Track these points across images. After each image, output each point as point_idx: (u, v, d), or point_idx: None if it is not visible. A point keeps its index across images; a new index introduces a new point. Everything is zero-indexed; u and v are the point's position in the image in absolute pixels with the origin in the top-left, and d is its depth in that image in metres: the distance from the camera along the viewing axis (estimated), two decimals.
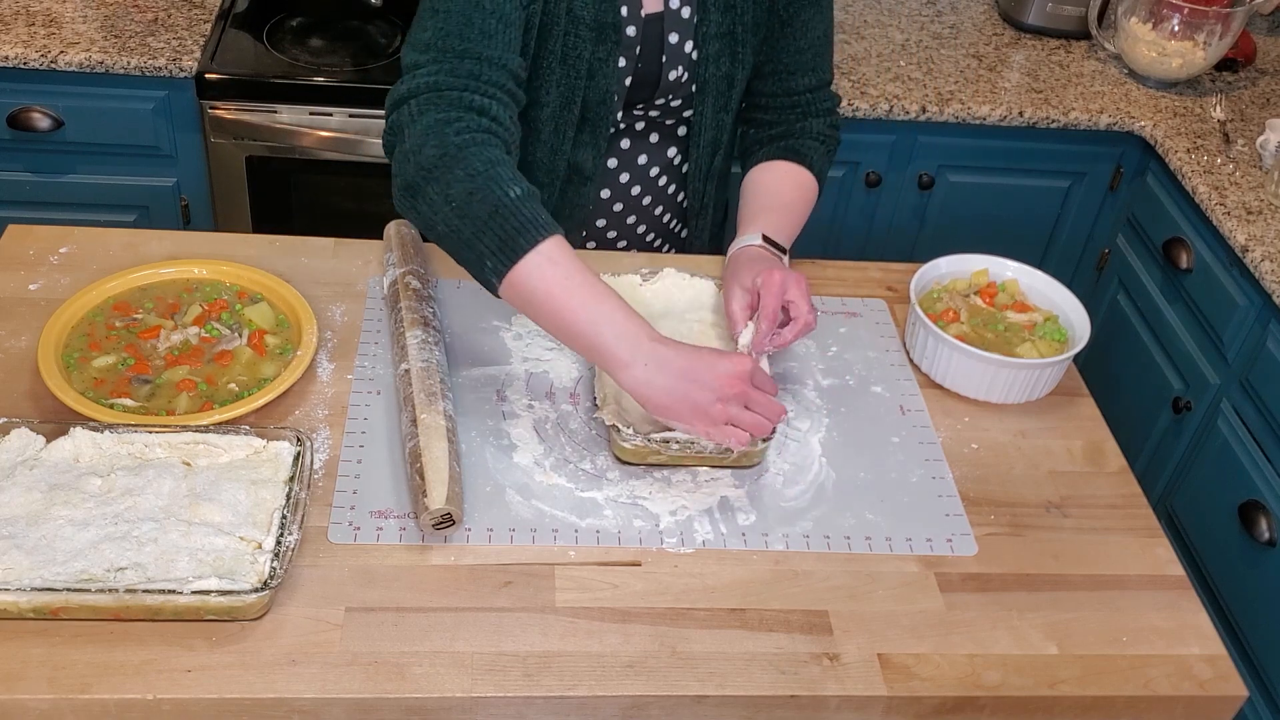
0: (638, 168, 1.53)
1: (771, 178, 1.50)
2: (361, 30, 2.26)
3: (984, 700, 1.08)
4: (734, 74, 1.47)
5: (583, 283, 1.13)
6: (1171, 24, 2.26)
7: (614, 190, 1.55)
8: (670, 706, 1.05)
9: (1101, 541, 1.23)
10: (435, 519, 1.11)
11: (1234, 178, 2.05)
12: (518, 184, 1.15)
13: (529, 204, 1.14)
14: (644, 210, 1.58)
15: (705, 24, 1.42)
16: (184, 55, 2.04)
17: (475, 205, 1.13)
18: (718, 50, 1.44)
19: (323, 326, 1.37)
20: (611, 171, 1.53)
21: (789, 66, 1.50)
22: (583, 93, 1.41)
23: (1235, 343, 1.95)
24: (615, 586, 1.12)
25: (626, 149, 1.52)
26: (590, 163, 1.48)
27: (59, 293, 1.37)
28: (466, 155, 1.15)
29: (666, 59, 1.43)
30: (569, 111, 1.42)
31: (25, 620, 1.02)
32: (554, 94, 1.40)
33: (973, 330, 1.42)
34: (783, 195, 1.48)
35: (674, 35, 1.42)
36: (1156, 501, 2.14)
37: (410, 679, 1.02)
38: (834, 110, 1.55)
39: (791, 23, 1.47)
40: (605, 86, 1.41)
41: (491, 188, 1.13)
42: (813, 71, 1.51)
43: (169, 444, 1.16)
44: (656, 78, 1.44)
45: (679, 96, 1.47)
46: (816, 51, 1.50)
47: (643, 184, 1.55)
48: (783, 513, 1.21)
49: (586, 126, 1.45)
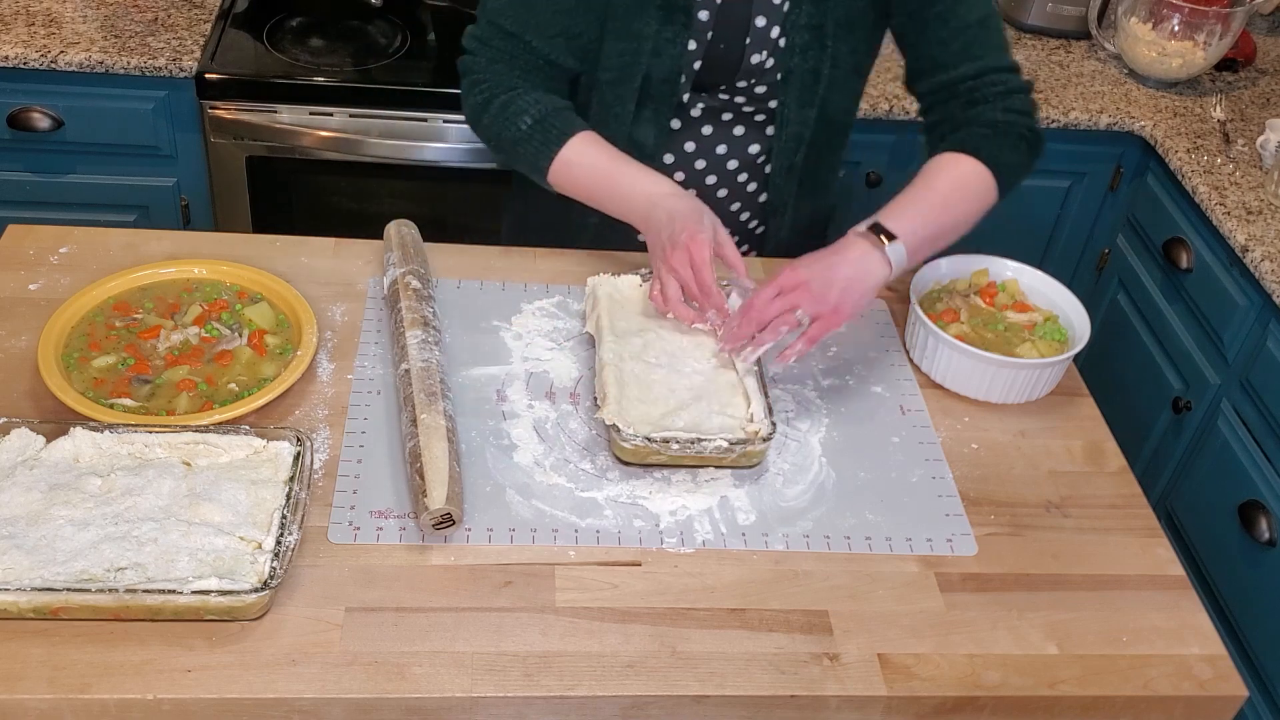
0: (715, 157, 1.52)
1: (926, 168, 1.40)
2: (361, 30, 2.26)
3: (984, 700, 1.08)
4: (820, 68, 1.44)
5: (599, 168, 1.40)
6: (1171, 24, 2.26)
7: (688, 176, 1.54)
8: (670, 706, 1.05)
9: (1101, 541, 1.23)
10: (435, 519, 1.11)
11: (1234, 178, 2.05)
12: (526, 113, 1.40)
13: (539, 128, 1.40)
14: (718, 204, 1.57)
15: (796, 13, 1.41)
16: (184, 55, 2.04)
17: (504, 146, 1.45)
18: (805, 41, 1.42)
19: (323, 326, 1.37)
20: (689, 155, 1.53)
21: (938, 60, 1.43)
22: (645, 69, 1.42)
23: (1235, 343, 1.95)
24: (615, 586, 1.12)
25: (708, 135, 1.51)
26: (651, 140, 1.49)
27: (59, 293, 1.37)
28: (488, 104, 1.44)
29: (750, 41, 1.42)
30: (628, 85, 1.44)
31: (25, 620, 1.02)
32: (614, 65, 1.43)
33: (973, 330, 1.42)
34: (926, 180, 1.38)
35: (761, 19, 1.42)
36: (1156, 501, 2.14)
37: (410, 679, 1.02)
38: (1011, 94, 1.41)
39: (922, 15, 1.41)
40: (671, 66, 1.42)
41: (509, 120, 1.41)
42: (969, 60, 1.41)
43: (169, 444, 1.16)
44: (737, 60, 1.43)
45: (763, 83, 1.46)
46: (968, 39, 1.41)
47: (719, 175, 1.54)
48: (783, 513, 1.21)
49: (648, 103, 1.46)
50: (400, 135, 2.12)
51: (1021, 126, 1.41)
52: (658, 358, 1.33)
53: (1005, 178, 1.40)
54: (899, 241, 1.30)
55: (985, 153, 1.39)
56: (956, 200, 1.37)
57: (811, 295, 1.26)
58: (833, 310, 1.27)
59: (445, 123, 2.11)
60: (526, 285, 1.49)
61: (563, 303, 1.46)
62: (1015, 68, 1.44)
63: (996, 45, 1.43)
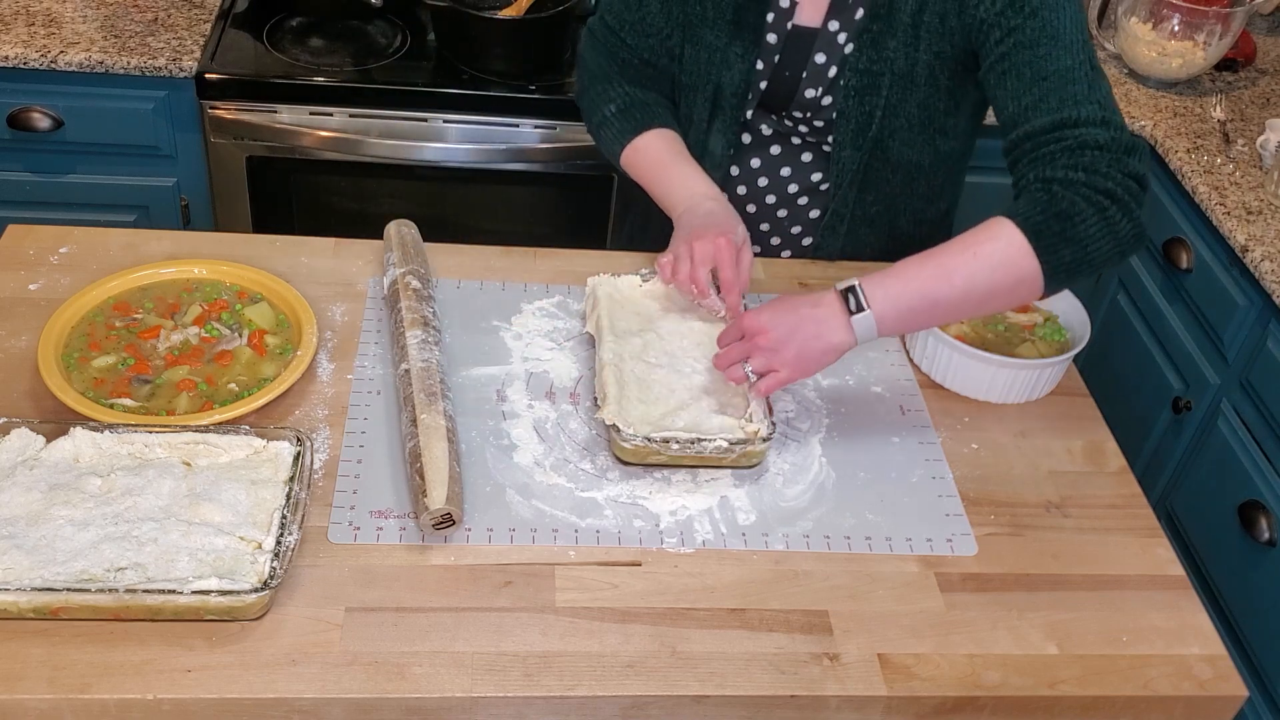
0: (779, 178, 1.55)
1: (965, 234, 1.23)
2: (361, 30, 2.26)
3: (984, 700, 1.08)
4: (874, 114, 1.44)
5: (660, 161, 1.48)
6: (1171, 24, 2.26)
7: (750, 191, 1.57)
8: (670, 706, 1.04)
9: (1101, 541, 1.23)
10: (435, 519, 1.11)
11: (1234, 178, 2.05)
12: (613, 101, 1.52)
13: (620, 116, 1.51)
14: (778, 222, 1.60)
15: (856, 57, 1.42)
16: (184, 55, 2.04)
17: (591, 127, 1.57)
18: (860, 86, 1.43)
19: (323, 326, 1.37)
20: (753, 171, 1.56)
21: (1014, 116, 1.29)
22: (716, 79, 1.48)
23: (1235, 343, 1.95)
24: (615, 586, 1.12)
25: (775, 155, 1.54)
26: (720, 149, 1.54)
27: (59, 293, 1.37)
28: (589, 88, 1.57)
29: (806, 75, 1.44)
30: (701, 93, 1.51)
31: (25, 620, 1.02)
32: (690, 71, 1.51)
33: (973, 330, 1.42)
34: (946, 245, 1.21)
35: (821, 56, 1.44)
36: (1156, 501, 2.13)
37: (410, 679, 1.02)
38: (1084, 149, 1.21)
39: (999, 67, 1.30)
40: (739, 81, 1.47)
41: (598, 105, 1.54)
42: (1041, 114, 1.25)
43: (169, 444, 1.16)
44: (793, 90, 1.46)
45: (820, 118, 1.48)
46: (1045, 90, 1.25)
47: (779, 195, 1.57)
48: (783, 513, 1.21)
49: (719, 114, 1.51)
50: (400, 135, 2.12)
51: (1087, 186, 1.19)
52: (658, 358, 1.33)
53: (1048, 248, 1.17)
54: (870, 313, 1.18)
55: (1022, 215, 1.19)
56: (965, 269, 1.18)
57: (767, 348, 1.20)
58: (786, 366, 1.20)
59: (445, 123, 2.12)
60: (526, 285, 1.49)
61: (563, 303, 1.46)
62: (1099, 120, 1.22)
63: (1077, 97, 1.24)
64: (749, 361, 1.22)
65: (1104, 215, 1.18)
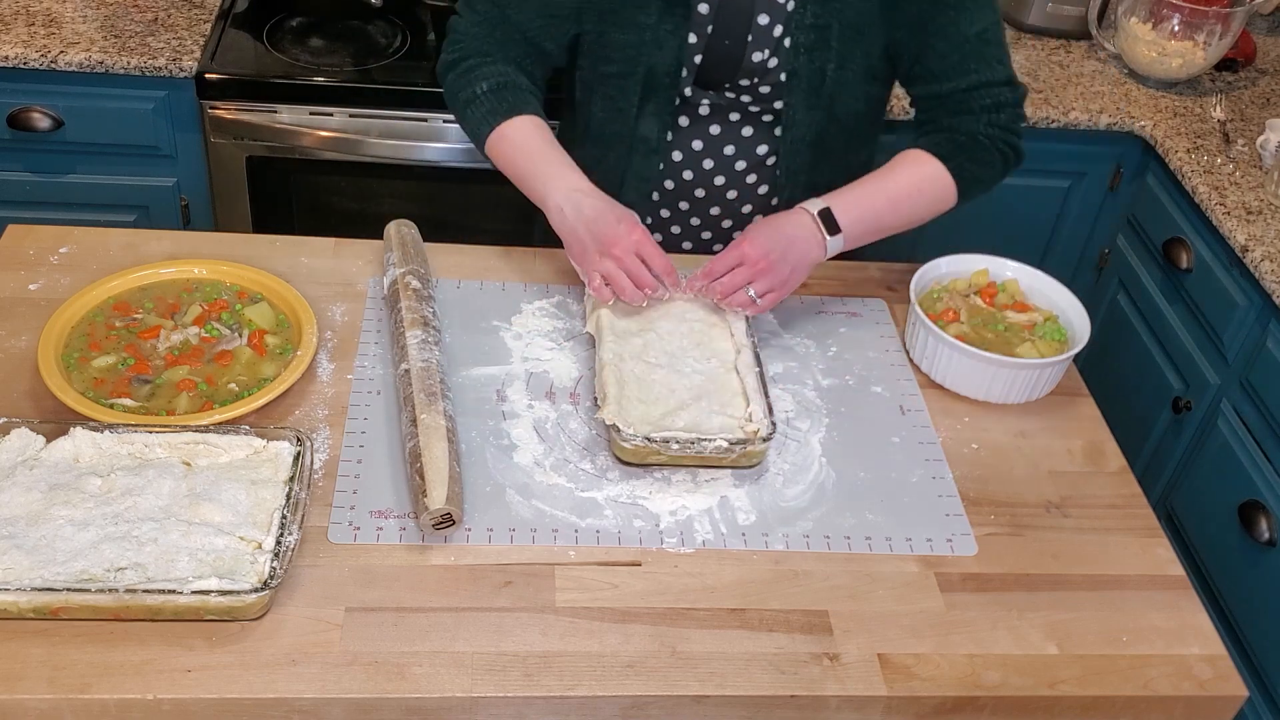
0: (723, 158, 1.52)
1: (897, 159, 1.44)
2: (361, 30, 2.26)
3: (984, 700, 1.08)
4: (826, 69, 1.44)
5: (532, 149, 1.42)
6: (1171, 24, 2.26)
7: (696, 175, 1.54)
8: (670, 706, 1.05)
9: (1101, 541, 1.23)
10: (435, 519, 1.11)
11: (1234, 178, 2.05)
12: (486, 79, 1.43)
13: (492, 95, 1.43)
14: (728, 204, 1.57)
15: (801, 12, 1.41)
16: (184, 55, 2.04)
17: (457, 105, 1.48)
18: (810, 41, 1.42)
19: (323, 326, 1.37)
20: (696, 154, 1.52)
21: (935, 72, 1.43)
22: (647, 61, 1.43)
23: (1235, 343, 1.95)
24: (615, 586, 1.12)
25: (715, 134, 1.51)
26: (655, 135, 1.50)
27: (59, 293, 1.37)
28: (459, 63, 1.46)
29: (752, 39, 1.42)
30: (631, 78, 1.46)
31: (25, 620, 1.02)
32: (617, 57, 1.45)
33: (973, 330, 1.42)
34: (889, 174, 1.42)
35: (764, 17, 1.41)
36: (1156, 501, 2.13)
37: (410, 679, 1.02)
38: (1000, 108, 1.42)
39: (927, 28, 1.41)
40: (672, 59, 1.43)
41: (468, 81, 1.44)
42: (963, 74, 1.41)
43: (169, 444, 1.16)
44: (739, 57, 1.43)
45: (767, 83, 1.45)
46: (965, 54, 1.41)
47: (727, 175, 1.54)
48: (783, 513, 1.21)
49: (651, 97, 1.47)
50: (400, 135, 2.12)
51: (1002, 142, 1.43)
52: (658, 358, 1.33)
53: (968, 188, 1.44)
54: (841, 236, 1.37)
55: (954, 162, 1.42)
56: (909, 201, 1.42)
57: (771, 272, 1.33)
58: (783, 284, 1.35)
59: (445, 123, 2.11)
60: (526, 285, 1.49)
61: (563, 303, 1.46)
62: (1009, 80, 1.43)
63: (993, 58, 1.42)
64: (753, 286, 1.33)
65: (1005, 159, 1.45)
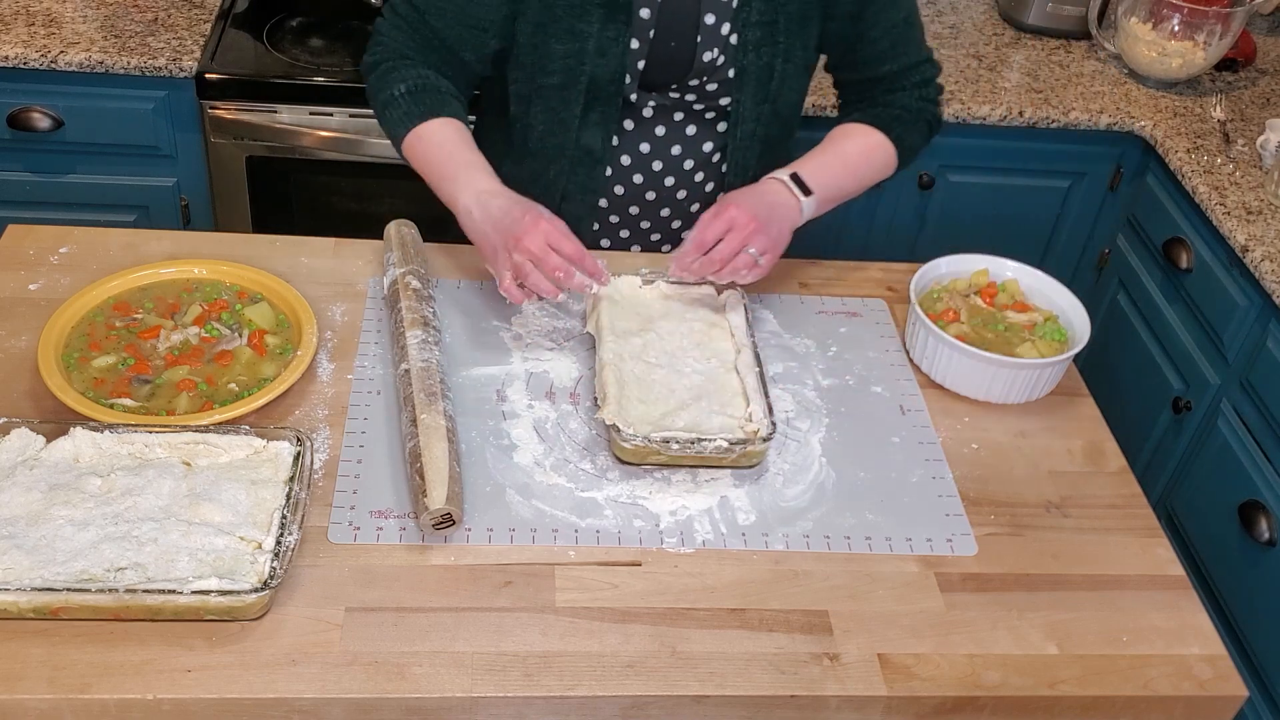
0: (671, 158, 1.53)
1: (838, 133, 1.52)
2: (361, 30, 2.26)
3: (984, 700, 1.08)
4: (774, 64, 1.46)
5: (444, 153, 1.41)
6: (1171, 24, 2.26)
7: (646, 179, 1.54)
8: (670, 706, 1.05)
9: (1101, 541, 1.23)
10: (435, 519, 1.11)
11: (1234, 178, 2.05)
12: (404, 81, 1.42)
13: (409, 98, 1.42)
14: (678, 204, 1.57)
15: (746, 10, 1.41)
16: (184, 55, 2.04)
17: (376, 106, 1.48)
18: (758, 38, 1.43)
19: (323, 326, 1.37)
20: (644, 157, 1.52)
21: (868, 59, 1.51)
22: (589, 71, 1.42)
23: (1235, 343, 1.95)
24: (615, 586, 1.12)
25: (661, 136, 1.51)
26: (600, 144, 1.49)
27: (59, 293, 1.37)
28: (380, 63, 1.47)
29: (701, 39, 1.42)
30: (573, 88, 1.44)
31: (25, 620, 1.02)
32: (557, 68, 1.43)
33: (973, 330, 1.42)
34: (838, 145, 1.50)
35: (710, 17, 1.42)
36: (1156, 501, 2.13)
37: (410, 679, 1.02)
38: (926, 83, 1.53)
39: (860, 18, 1.47)
40: (615, 65, 1.42)
41: (387, 83, 1.44)
42: (894, 58, 1.51)
43: (169, 444, 1.16)
44: (689, 58, 1.43)
45: (715, 80, 1.46)
46: (895, 39, 1.50)
47: (675, 176, 1.54)
48: (783, 513, 1.21)
49: (596, 106, 1.45)
50: None
51: (928, 114, 1.55)
52: (658, 358, 1.33)
53: (905, 155, 1.54)
54: (814, 198, 1.43)
55: (895, 132, 1.52)
56: (862, 168, 1.51)
57: (763, 231, 1.35)
58: (774, 245, 1.38)
59: None
60: None
61: (563, 303, 1.46)
62: (930, 57, 1.55)
63: (918, 40, 1.54)
64: (752, 245, 1.35)
65: (930, 126, 1.56)
